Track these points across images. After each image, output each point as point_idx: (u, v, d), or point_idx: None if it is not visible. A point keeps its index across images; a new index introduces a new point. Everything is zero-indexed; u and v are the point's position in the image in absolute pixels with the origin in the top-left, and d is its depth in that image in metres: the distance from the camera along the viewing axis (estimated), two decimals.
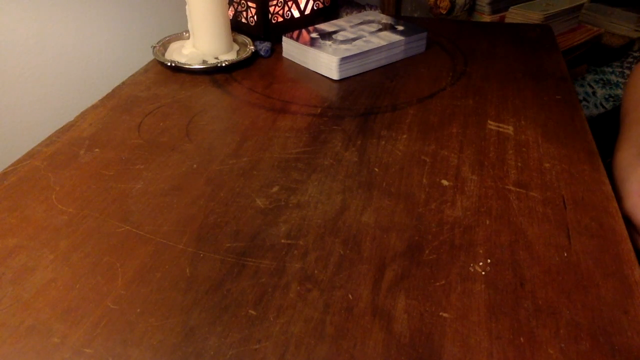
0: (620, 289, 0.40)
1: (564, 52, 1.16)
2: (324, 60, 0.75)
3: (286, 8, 0.86)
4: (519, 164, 0.55)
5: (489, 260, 0.43)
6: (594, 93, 1.37)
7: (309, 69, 0.78)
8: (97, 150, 0.58)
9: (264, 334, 0.37)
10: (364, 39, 0.79)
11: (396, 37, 0.80)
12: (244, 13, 0.86)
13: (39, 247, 0.44)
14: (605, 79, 1.42)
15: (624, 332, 0.37)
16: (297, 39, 0.80)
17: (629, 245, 0.44)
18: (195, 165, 0.55)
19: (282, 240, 0.45)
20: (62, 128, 0.62)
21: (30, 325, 0.38)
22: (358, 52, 0.75)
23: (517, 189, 0.51)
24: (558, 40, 0.91)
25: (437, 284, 0.41)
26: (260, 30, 0.84)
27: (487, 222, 0.47)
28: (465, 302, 0.39)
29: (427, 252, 0.44)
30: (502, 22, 1.34)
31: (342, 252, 0.44)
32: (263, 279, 0.41)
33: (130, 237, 0.45)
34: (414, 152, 0.57)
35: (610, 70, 1.45)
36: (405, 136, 0.60)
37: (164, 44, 0.83)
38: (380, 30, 0.83)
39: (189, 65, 0.76)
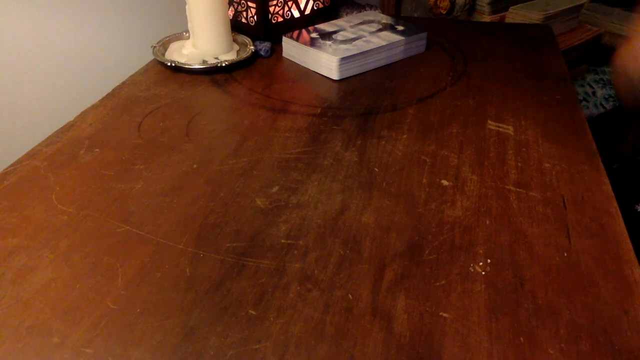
0: (620, 289, 0.40)
1: (564, 52, 1.16)
2: (324, 60, 0.75)
3: (286, 8, 0.86)
4: (519, 164, 0.55)
5: (489, 260, 0.43)
6: (594, 93, 1.37)
7: (309, 69, 0.78)
8: (97, 150, 0.58)
9: (264, 334, 0.37)
10: (364, 39, 0.79)
11: (396, 37, 0.79)
12: (244, 13, 0.86)
13: (39, 247, 0.44)
14: (605, 79, 1.42)
15: (624, 332, 0.37)
16: (297, 39, 0.80)
17: (629, 245, 0.44)
18: (195, 165, 0.55)
19: (282, 240, 0.45)
20: (62, 128, 0.62)
21: (30, 325, 0.38)
22: (358, 52, 0.75)
23: (517, 189, 0.51)
24: (558, 40, 0.91)
25: (437, 284, 0.41)
26: (260, 30, 0.84)
27: (487, 222, 0.47)
28: (465, 302, 0.39)
29: (427, 252, 0.44)
30: (502, 22, 1.34)
31: (342, 252, 0.44)
32: (263, 279, 0.41)
33: (130, 237, 0.45)
34: (414, 152, 0.57)
35: (611, 70, 1.44)
36: (405, 136, 0.60)
37: (164, 44, 0.83)
38: (380, 30, 0.83)
39: (189, 65, 0.76)
